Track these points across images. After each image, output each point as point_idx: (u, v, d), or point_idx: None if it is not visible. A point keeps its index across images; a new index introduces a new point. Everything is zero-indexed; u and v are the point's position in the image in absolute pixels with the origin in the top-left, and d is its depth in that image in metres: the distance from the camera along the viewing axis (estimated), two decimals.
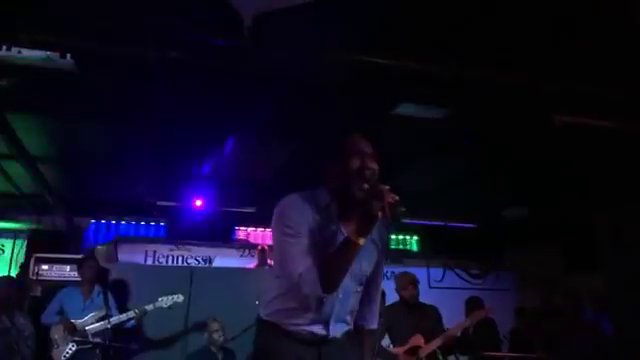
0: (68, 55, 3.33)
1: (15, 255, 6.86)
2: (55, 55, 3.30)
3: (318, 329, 2.10)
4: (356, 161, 2.02)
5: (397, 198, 1.84)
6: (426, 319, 4.82)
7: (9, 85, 3.71)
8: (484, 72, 3.72)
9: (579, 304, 5.43)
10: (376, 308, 2.37)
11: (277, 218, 2.05)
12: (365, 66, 3.59)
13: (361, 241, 1.88)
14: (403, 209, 1.83)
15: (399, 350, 4.69)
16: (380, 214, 1.84)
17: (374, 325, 2.37)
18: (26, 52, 3.27)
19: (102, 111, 4.38)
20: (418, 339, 4.68)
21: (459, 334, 4.82)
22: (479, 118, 4.32)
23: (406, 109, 4.02)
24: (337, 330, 2.15)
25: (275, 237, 2.08)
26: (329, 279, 1.91)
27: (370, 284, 2.25)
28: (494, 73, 3.75)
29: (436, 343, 4.63)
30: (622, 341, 5.44)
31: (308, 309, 2.06)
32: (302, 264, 1.93)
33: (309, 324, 2.09)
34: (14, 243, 6.91)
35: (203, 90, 4.09)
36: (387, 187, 1.87)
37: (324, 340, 2.12)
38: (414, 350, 4.65)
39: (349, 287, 2.10)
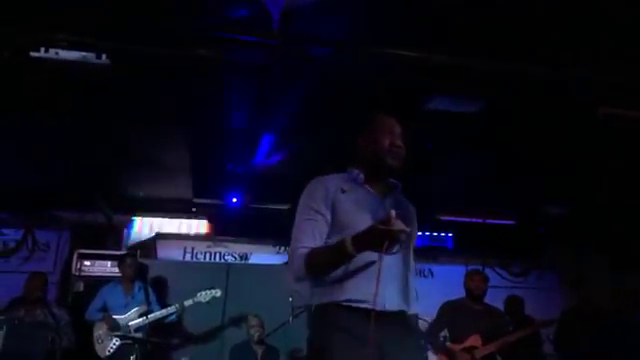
0: (104, 55, 3.40)
1: (59, 251, 7.07)
2: (91, 55, 3.38)
3: (373, 301, 1.91)
4: (386, 139, 2.17)
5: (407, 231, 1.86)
6: (489, 321, 4.74)
7: None
8: (520, 64, 3.62)
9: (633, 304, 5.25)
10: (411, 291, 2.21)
11: (302, 195, 2.18)
12: (396, 60, 3.55)
13: (354, 252, 1.90)
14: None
15: (455, 347, 4.64)
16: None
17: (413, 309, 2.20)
18: (63, 53, 3.36)
19: (138, 111, 4.46)
20: (476, 339, 4.62)
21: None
22: (517, 111, 4.20)
23: (440, 104, 3.94)
24: (392, 303, 2.04)
25: (298, 208, 2.17)
26: (313, 268, 2.01)
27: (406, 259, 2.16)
28: (531, 65, 3.65)
29: (492, 347, 4.57)
30: None
31: (363, 273, 2.01)
32: (306, 241, 2.05)
33: (365, 291, 1.95)
34: (59, 239, 7.13)
35: (235, 87, 4.12)
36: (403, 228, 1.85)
37: (383, 317, 1.95)
38: (470, 350, 4.61)
39: (401, 254, 2.06)
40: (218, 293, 5.48)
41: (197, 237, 7.41)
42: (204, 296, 5.40)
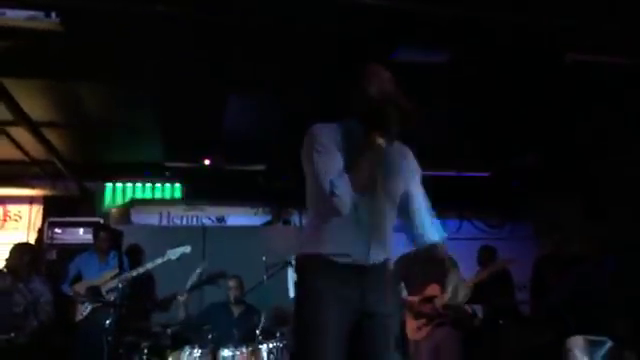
0: (53, 14, 3.25)
1: (32, 221, 6.98)
2: (39, 14, 3.23)
3: (359, 254, 2.14)
4: (374, 85, 2.15)
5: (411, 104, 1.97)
6: (439, 269, 4.78)
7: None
8: (488, 11, 3.55)
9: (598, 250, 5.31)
10: (429, 218, 2.46)
11: (307, 140, 2.15)
12: (362, 9, 3.45)
13: (380, 141, 2.02)
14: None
15: (414, 299, 4.67)
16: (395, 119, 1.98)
17: (435, 237, 2.50)
18: (10, 13, 3.20)
19: (99, 72, 4.31)
20: (434, 289, 4.64)
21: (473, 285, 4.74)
22: (484, 60, 4.14)
23: (406, 54, 3.86)
24: (377, 256, 2.19)
25: (306, 158, 2.14)
26: (359, 178, 2.03)
27: (412, 199, 2.35)
28: (499, 12, 3.58)
29: None
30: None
31: (347, 225, 2.10)
32: (332, 171, 2.03)
33: (350, 244, 2.13)
34: (30, 209, 7.03)
35: (199, 45, 3.99)
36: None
37: (365, 269, 2.16)
38: (430, 300, 4.63)
39: (383, 204, 2.19)
40: (188, 249, 5.45)
41: (172, 201, 7.33)
42: (174, 253, 5.38)
